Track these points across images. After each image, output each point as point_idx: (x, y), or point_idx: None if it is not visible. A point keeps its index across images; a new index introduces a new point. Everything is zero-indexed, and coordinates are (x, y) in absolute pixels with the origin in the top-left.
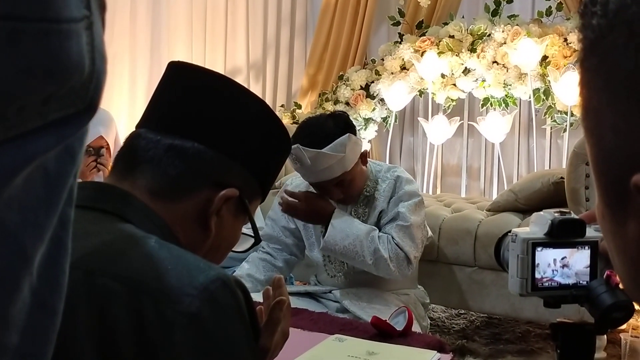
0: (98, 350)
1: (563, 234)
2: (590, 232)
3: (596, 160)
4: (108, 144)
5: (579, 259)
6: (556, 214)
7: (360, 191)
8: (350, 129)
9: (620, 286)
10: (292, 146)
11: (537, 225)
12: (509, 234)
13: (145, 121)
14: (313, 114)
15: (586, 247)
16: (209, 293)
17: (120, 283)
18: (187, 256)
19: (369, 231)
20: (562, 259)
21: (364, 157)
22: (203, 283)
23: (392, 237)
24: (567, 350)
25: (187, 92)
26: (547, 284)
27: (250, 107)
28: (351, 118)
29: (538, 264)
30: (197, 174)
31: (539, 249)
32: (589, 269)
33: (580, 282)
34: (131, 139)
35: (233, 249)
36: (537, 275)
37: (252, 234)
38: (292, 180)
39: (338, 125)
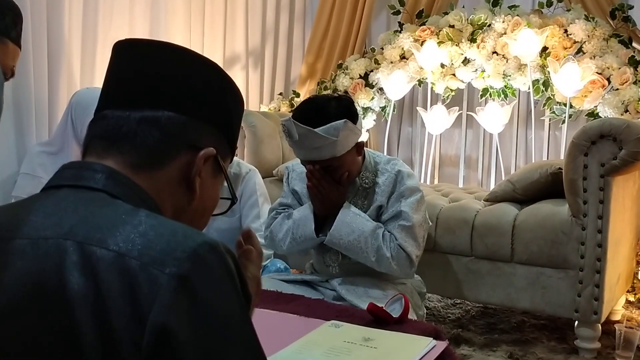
0: (93, 315)
1: None
2: None
3: None
4: None
5: None
6: None
7: (352, 180)
8: (351, 115)
9: None
10: (286, 119)
11: None
12: None
13: (107, 102)
14: None
15: None
16: (198, 256)
17: (110, 250)
18: (176, 225)
19: (375, 228)
20: None
21: (360, 147)
22: (192, 247)
23: (395, 237)
24: None
25: (143, 66)
26: None
27: (203, 67)
28: None
29: None
30: (173, 140)
31: None
32: None
33: None
34: (98, 121)
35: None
36: None
37: (227, 197)
38: (293, 166)
39: (338, 108)
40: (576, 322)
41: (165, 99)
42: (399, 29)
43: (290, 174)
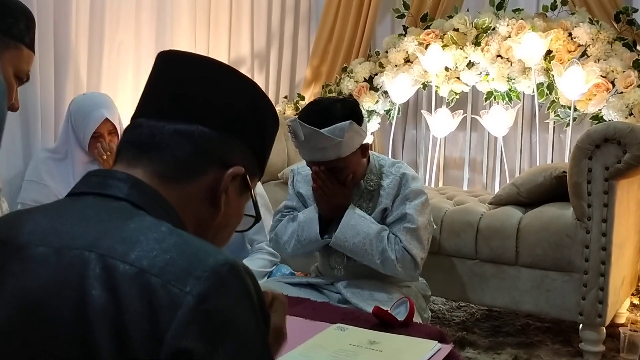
0: (111, 330)
1: None
2: None
3: None
4: (115, 126)
5: None
6: None
7: (357, 182)
8: (356, 117)
9: None
10: (292, 119)
11: None
12: None
13: (143, 110)
14: None
15: None
16: (218, 275)
17: (132, 265)
18: (197, 241)
19: (380, 231)
20: None
21: (364, 149)
22: (212, 266)
23: (400, 240)
24: None
25: (182, 79)
26: None
27: (242, 86)
28: None
29: None
30: (204, 155)
31: None
32: None
33: None
34: (133, 128)
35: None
36: None
37: (251, 214)
38: (298, 169)
39: (344, 110)
40: (581, 325)
41: (200, 114)
42: (404, 33)
43: (296, 176)
